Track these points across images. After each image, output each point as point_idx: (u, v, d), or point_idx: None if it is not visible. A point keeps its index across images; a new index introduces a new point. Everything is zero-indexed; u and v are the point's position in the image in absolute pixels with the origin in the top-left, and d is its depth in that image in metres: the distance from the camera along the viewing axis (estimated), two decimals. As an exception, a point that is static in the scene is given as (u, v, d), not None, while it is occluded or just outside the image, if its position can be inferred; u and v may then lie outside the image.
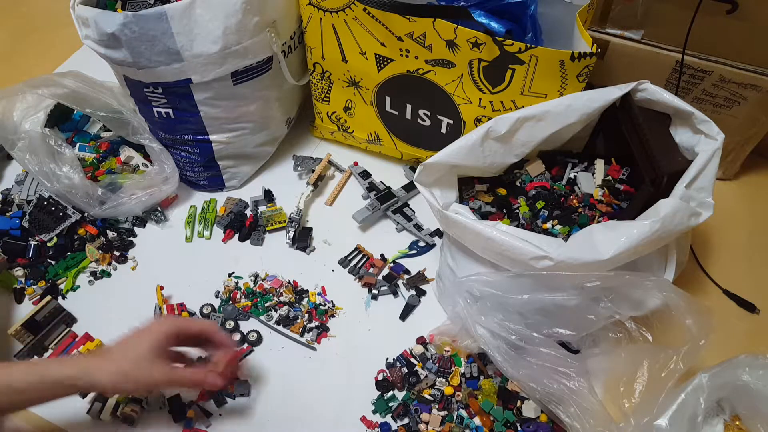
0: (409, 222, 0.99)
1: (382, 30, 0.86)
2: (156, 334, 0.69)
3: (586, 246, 0.70)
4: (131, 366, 0.67)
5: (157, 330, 0.70)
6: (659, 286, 0.71)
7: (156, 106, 0.92)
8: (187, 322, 0.73)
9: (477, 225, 0.75)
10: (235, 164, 1.04)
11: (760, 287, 0.93)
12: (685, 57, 0.92)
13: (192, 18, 0.80)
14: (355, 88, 0.99)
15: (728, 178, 1.09)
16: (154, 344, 0.68)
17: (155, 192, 0.97)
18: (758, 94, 0.92)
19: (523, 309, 0.76)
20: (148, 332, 0.70)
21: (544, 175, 0.89)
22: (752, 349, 0.74)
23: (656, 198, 0.74)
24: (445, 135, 0.97)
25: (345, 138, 1.11)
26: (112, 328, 0.86)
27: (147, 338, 0.69)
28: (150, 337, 0.69)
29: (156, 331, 0.69)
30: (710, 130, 0.77)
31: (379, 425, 0.78)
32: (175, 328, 0.71)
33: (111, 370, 0.66)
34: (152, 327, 0.70)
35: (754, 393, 0.70)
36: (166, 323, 0.71)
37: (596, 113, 0.82)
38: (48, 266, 0.93)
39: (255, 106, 0.96)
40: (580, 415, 0.70)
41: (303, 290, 0.92)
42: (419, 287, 0.92)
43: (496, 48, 0.80)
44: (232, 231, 1.00)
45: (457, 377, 0.81)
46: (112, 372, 0.66)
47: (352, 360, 0.85)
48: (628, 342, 0.77)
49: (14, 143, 0.92)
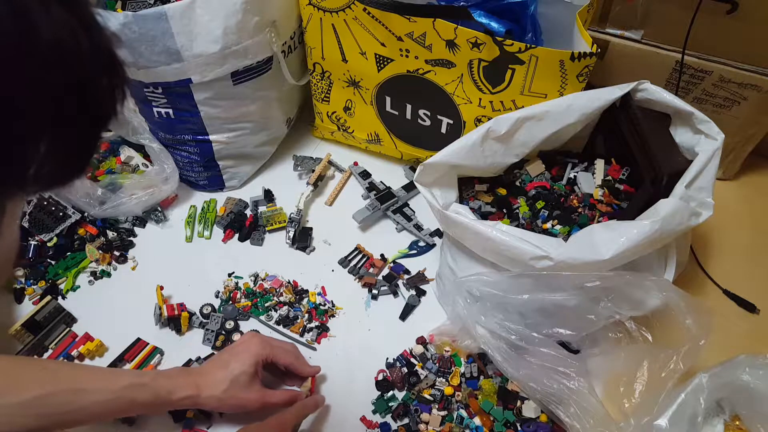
0: (409, 222, 0.99)
1: (382, 30, 0.86)
2: (251, 356, 0.72)
3: (586, 246, 0.70)
4: (228, 391, 0.70)
5: (253, 352, 0.72)
6: (659, 286, 0.71)
7: (156, 106, 0.92)
8: (279, 353, 0.75)
9: (477, 225, 0.75)
10: (235, 164, 1.04)
11: (760, 287, 0.93)
12: (685, 57, 0.92)
13: (192, 18, 0.80)
14: (355, 88, 0.99)
15: (728, 178, 1.09)
16: (247, 368, 0.71)
17: (155, 192, 0.97)
18: (758, 94, 0.92)
19: (523, 309, 0.76)
20: (244, 354, 0.72)
21: (544, 175, 0.89)
22: (752, 349, 0.74)
23: (656, 198, 0.74)
24: (445, 135, 0.97)
25: (345, 138, 1.11)
26: (112, 328, 0.87)
27: (242, 360, 0.72)
28: (245, 360, 0.72)
29: (251, 354, 0.72)
30: (710, 130, 0.77)
31: (379, 425, 0.78)
32: (266, 356, 0.74)
33: (210, 394, 0.70)
34: (248, 348, 0.73)
35: (754, 393, 0.69)
36: (261, 347, 0.74)
37: (596, 113, 0.82)
38: (48, 266, 0.93)
39: (255, 106, 0.96)
40: (580, 415, 0.70)
41: (303, 290, 0.92)
42: (419, 287, 0.92)
43: (496, 48, 0.80)
44: (232, 231, 1.00)
45: (457, 377, 0.81)
46: (210, 396, 0.70)
47: (352, 360, 0.85)
48: (628, 342, 0.77)
49: (14, 143, 0.92)
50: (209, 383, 0.70)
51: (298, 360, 0.78)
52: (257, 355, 0.73)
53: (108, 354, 0.85)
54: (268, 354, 0.74)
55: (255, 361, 0.72)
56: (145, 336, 0.86)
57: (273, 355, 0.75)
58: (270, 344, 0.75)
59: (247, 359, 0.72)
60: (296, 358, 0.78)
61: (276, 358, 0.75)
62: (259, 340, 0.75)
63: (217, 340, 0.86)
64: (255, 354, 0.72)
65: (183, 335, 0.87)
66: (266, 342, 0.76)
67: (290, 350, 0.78)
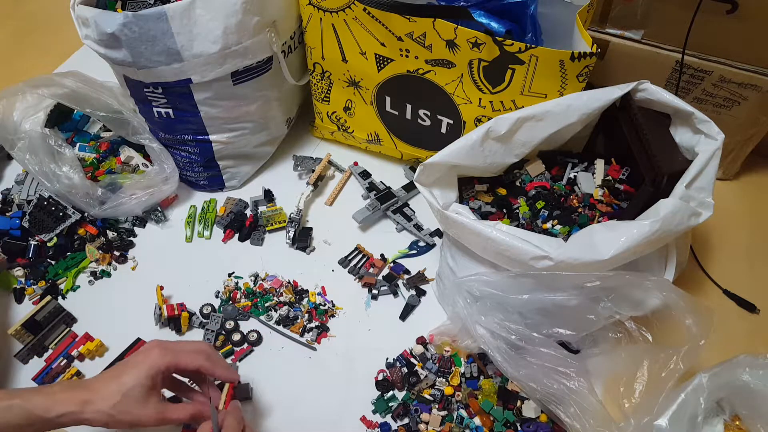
0: (409, 222, 0.99)
1: (382, 30, 0.86)
2: (147, 368, 0.63)
3: (586, 246, 0.70)
4: (118, 405, 0.61)
5: (149, 363, 0.64)
6: (659, 286, 0.71)
7: (156, 106, 0.92)
8: (183, 357, 0.66)
9: (477, 225, 0.75)
10: (235, 164, 1.04)
11: (760, 287, 0.93)
12: (685, 57, 0.92)
13: (192, 18, 0.80)
14: (355, 88, 0.99)
15: (728, 178, 1.09)
16: (143, 380, 0.63)
17: (155, 192, 0.97)
18: (758, 94, 0.92)
19: (523, 309, 0.76)
20: (140, 365, 0.64)
21: (544, 175, 0.89)
22: (752, 349, 0.74)
23: (656, 198, 0.74)
24: (445, 135, 0.97)
25: (345, 138, 1.11)
26: (112, 328, 0.87)
27: (137, 372, 0.63)
28: (140, 371, 0.63)
29: (147, 365, 0.64)
30: (710, 130, 0.77)
31: (379, 425, 0.78)
32: (166, 365, 0.64)
33: (97, 409, 0.61)
34: (145, 358, 0.64)
35: (754, 393, 0.70)
36: (160, 356, 0.65)
37: (596, 113, 0.82)
38: (48, 266, 0.93)
39: (255, 106, 0.96)
40: (580, 415, 0.70)
41: (303, 290, 0.92)
42: (419, 287, 0.92)
43: (496, 48, 0.80)
44: (232, 231, 1.00)
45: (457, 377, 0.81)
46: (97, 411, 0.61)
47: (352, 360, 0.85)
48: (628, 342, 0.77)
49: (14, 143, 0.92)
50: (97, 398, 0.62)
51: (209, 360, 0.67)
52: (155, 365, 0.64)
53: (108, 354, 0.85)
54: (169, 362, 0.65)
55: (152, 373, 0.63)
56: (145, 336, 0.86)
57: (176, 362, 0.65)
58: (173, 350, 0.66)
59: (142, 370, 0.63)
60: (207, 358, 0.67)
61: (180, 363, 0.66)
62: (160, 350, 0.65)
63: (217, 340, 0.86)
64: (152, 365, 0.63)
65: (183, 335, 0.87)
66: (168, 350, 0.66)
67: (201, 350, 0.68)
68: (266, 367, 0.84)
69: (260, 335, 0.87)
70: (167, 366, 0.65)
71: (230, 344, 0.86)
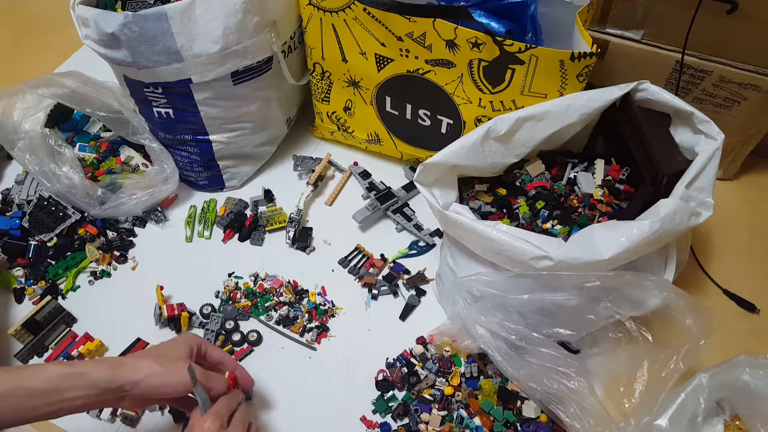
0: (409, 222, 0.99)
1: (382, 30, 0.86)
2: (183, 343, 0.69)
3: (586, 246, 0.70)
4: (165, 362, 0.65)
5: (187, 340, 0.70)
6: (659, 286, 0.71)
7: (156, 106, 0.92)
8: (212, 347, 0.73)
9: (477, 225, 0.75)
10: (235, 164, 1.04)
11: (760, 287, 0.93)
12: (685, 57, 0.92)
13: (192, 18, 0.80)
14: (355, 88, 0.99)
15: (728, 178, 1.09)
16: (182, 349, 0.68)
17: (155, 192, 0.97)
18: (758, 94, 0.92)
19: (523, 309, 0.76)
20: (178, 340, 0.71)
21: (544, 175, 0.89)
22: (752, 349, 0.74)
23: (656, 198, 0.74)
24: (445, 135, 0.97)
25: (345, 138, 1.11)
26: (112, 328, 0.87)
27: (177, 343, 0.69)
28: (180, 343, 0.69)
29: (186, 340, 0.70)
30: (710, 130, 0.77)
31: (379, 425, 0.78)
32: (199, 343, 0.71)
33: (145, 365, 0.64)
34: (180, 338, 0.72)
35: (754, 393, 0.70)
36: (194, 337, 0.72)
37: (596, 113, 0.82)
38: (48, 266, 0.93)
39: (255, 106, 0.96)
40: (580, 415, 0.70)
41: (303, 290, 0.92)
42: (419, 287, 0.92)
43: (496, 48, 0.80)
44: (232, 231, 1.00)
45: (457, 377, 0.81)
46: (145, 366, 0.64)
47: (352, 360, 0.85)
48: (628, 342, 0.77)
49: (14, 143, 0.92)
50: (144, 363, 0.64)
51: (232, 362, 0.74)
52: (190, 339, 0.70)
53: (108, 354, 0.85)
54: (201, 342, 0.71)
55: (189, 343, 0.69)
56: (145, 336, 0.86)
57: (206, 346, 0.72)
58: (204, 340, 0.73)
59: (179, 342, 0.69)
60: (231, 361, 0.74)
61: (209, 349, 0.72)
62: (194, 335, 0.74)
63: (217, 340, 0.86)
64: (187, 339, 0.70)
65: (183, 335, 0.87)
66: (200, 337, 0.73)
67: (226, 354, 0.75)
68: (266, 367, 0.84)
69: (260, 335, 0.87)
70: (200, 344, 0.71)
71: (230, 344, 0.86)
